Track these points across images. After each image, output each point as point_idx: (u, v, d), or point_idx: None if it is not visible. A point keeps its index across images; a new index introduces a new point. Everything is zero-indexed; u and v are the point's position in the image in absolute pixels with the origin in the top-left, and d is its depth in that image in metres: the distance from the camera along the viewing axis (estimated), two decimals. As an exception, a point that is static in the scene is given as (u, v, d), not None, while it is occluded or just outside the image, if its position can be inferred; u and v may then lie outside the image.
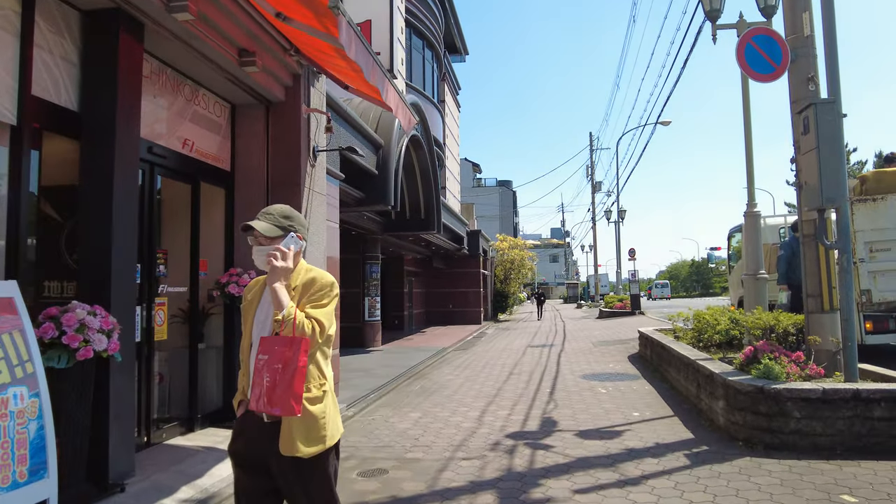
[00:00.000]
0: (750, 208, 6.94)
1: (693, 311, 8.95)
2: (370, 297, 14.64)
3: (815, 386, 4.60)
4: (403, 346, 15.12)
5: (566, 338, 15.75)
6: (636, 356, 11.07)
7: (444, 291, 25.16)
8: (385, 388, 8.82)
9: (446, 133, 24.66)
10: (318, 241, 6.78)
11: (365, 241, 14.62)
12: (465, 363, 11.58)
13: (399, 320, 20.97)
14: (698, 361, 6.29)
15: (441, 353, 13.60)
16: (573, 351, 12.61)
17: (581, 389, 7.96)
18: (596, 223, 38.13)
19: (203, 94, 5.98)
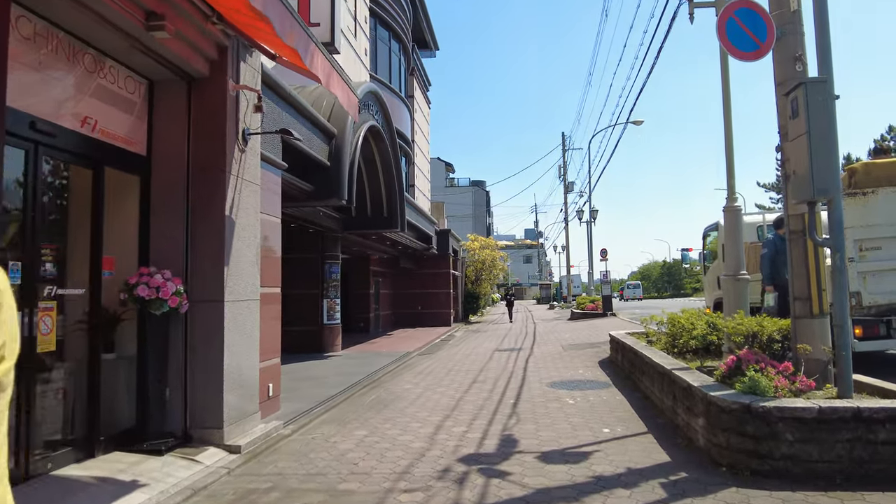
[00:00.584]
0: (730, 203, 6.34)
1: (667, 315, 8.35)
2: (329, 299, 13.82)
3: (810, 404, 3.97)
4: (365, 351, 14.32)
5: (536, 341, 15.13)
6: (607, 361, 10.47)
7: (412, 293, 24.40)
8: (335, 399, 8.04)
9: (415, 129, 23.92)
10: (250, 236, 5.97)
11: (324, 240, 13.79)
12: (427, 369, 10.84)
13: (365, 323, 20.15)
14: (674, 371, 5.65)
15: (404, 358, 12.85)
16: (542, 355, 11.97)
17: (547, 400, 7.29)
18: (568, 223, 37.79)
19: (111, 67, 5.14)
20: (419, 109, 25.10)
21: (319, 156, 8.88)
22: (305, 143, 8.30)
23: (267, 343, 6.79)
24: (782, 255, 7.06)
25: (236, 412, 5.62)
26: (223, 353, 5.40)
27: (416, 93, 24.70)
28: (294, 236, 13.79)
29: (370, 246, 17.08)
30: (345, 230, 13.66)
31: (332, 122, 9.50)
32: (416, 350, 14.48)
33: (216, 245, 5.45)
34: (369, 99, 11.15)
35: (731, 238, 6.25)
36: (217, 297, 5.41)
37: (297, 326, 13.85)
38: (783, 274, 7.04)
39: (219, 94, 5.58)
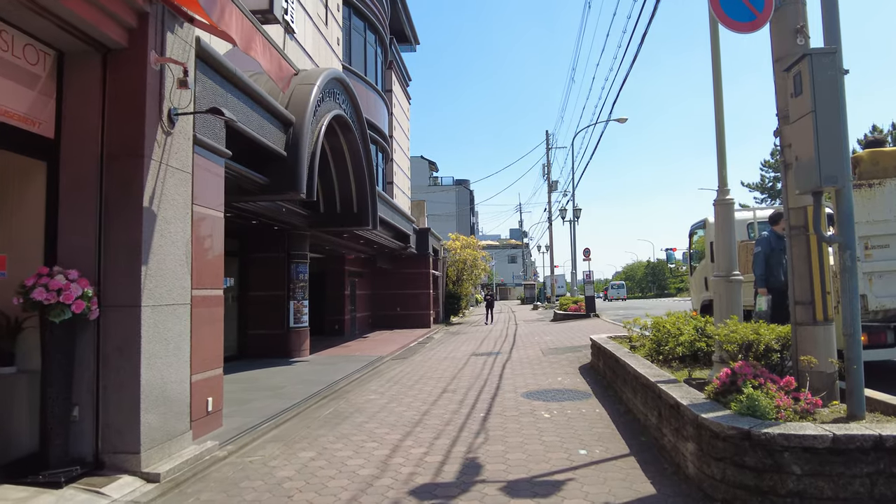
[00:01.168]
0: (721, 196, 5.69)
1: (652, 319, 7.72)
2: (296, 301, 13.05)
3: (821, 431, 3.32)
4: (336, 355, 13.57)
5: (515, 344, 14.47)
6: (588, 368, 9.83)
7: (391, 293, 23.64)
8: (288, 412, 7.30)
9: (394, 125, 23.18)
10: (177, 232, 5.22)
11: (290, 238, 13.01)
12: (397, 376, 10.13)
13: (339, 325, 19.37)
14: (659, 385, 5.00)
15: (375, 363, 12.13)
16: (520, 360, 11.30)
17: (521, 414, 6.61)
18: (552, 223, 37.29)
19: (4, 33, 4.38)
20: (398, 104, 24.36)
21: (274, 145, 8.13)
22: (256, 129, 7.55)
23: (206, 352, 6.04)
24: (777, 255, 6.46)
25: (159, 433, 4.88)
26: (140, 365, 4.65)
27: (395, 87, 23.95)
28: (257, 234, 13.01)
29: (344, 245, 16.32)
30: (312, 228, 12.89)
31: (291, 109, 8.75)
32: (389, 354, 13.76)
33: (132, 241, 4.70)
34: (334, 86, 10.41)
35: (723, 234, 5.61)
36: (133, 302, 4.66)
37: (261, 330, 13.08)
38: (778, 275, 6.44)
39: (138, 68, 4.82)
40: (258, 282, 13.19)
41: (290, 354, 12.84)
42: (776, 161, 50.81)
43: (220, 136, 6.43)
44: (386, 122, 21.25)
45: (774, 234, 6.42)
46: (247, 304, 13.21)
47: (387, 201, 16.10)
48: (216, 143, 6.29)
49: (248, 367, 11.52)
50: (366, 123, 12.27)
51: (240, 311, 13.18)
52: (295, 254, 13.05)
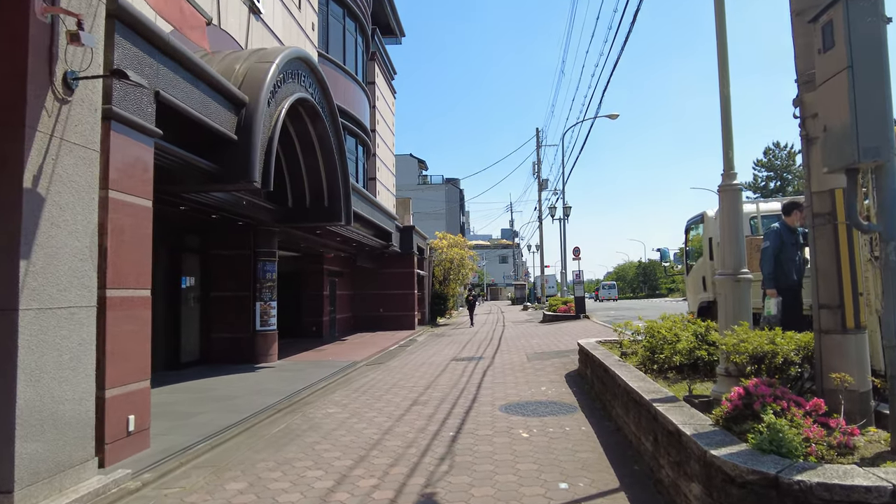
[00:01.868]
0: (727, 181, 4.86)
1: (645, 323, 6.91)
2: (263, 302, 12.14)
3: (877, 481, 2.48)
4: (307, 361, 12.68)
5: (500, 348, 13.63)
6: (575, 375, 9.01)
7: (374, 294, 22.76)
8: (234, 429, 6.42)
9: (377, 119, 22.30)
10: (77, 220, 4.33)
11: (256, 234, 12.11)
12: (366, 385, 9.27)
13: (318, 327, 18.47)
14: (656, 405, 4.17)
15: (348, 369, 11.26)
16: (503, 367, 10.46)
17: (496, 433, 5.77)
18: (542, 222, 36.53)
19: None
20: (382, 97, 23.47)
21: (222, 127, 7.24)
22: (199, 108, 6.65)
23: (127, 362, 5.16)
24: (789, 250, 5.65)
25: (47, 464, 3.99)
26: (17, 382, 3.76)
27: (379, 80, 23.06)
28: (220, 230, 12.11)
29: (319, 242, 15.43)
30: (280, 223, 11.99)
31: (245, 89, 7.86)
32: (365, 359, 12.89)
33: (6, 230, 3.81)
34: (298, 67, 9.51)
35: (730, 226, 4.78)
36: (6, 304, 3.77)
37: (225, 333, 12.17)
38: (789, 273, 5.63)
39: (18, 16, 3.93)
40: (222, 281, 12.28)
41: (256, 360, 11.94)
42: (768, 160, 50.37)
43: (147, 113, 5.54)
44: (367, 115, 20.36)
45: (786, 227, 5.62)
46: (210, 306, 12.29)
47: (365, 196, 15.23)
48: (143, 119, 5.40)
49: (207, 374, 10.62)
50: (338, 112, 11.40)
51: (202, 313, 12.27)
52: (262, 251, 12.15)
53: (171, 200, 8.76)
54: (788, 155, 49.25)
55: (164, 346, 11.38)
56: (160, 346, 11.16)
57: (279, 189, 11.75)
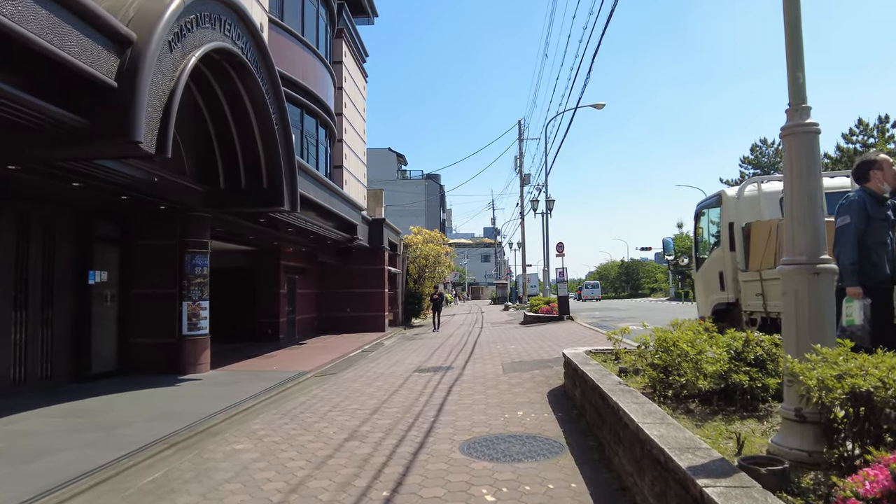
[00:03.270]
0: (797, 116, 3.10)
1: (653, 331, 5.20)
2: (192, 302, 10.25)
3: None
4: (246, 371, 10.82)
5: (473, 355, 11.87)
6: (560, 394, 7.29)
7: (340, 292, 20.89)
8: (86, 479, 4.60)
9: (344, 101, 20.41)
10: None
11: (184, 221, 10.20)
12: (302, 406, 7.48)
13: (274, 329, 16.58)
14: (700, 482, 2.44)
15: (289, 382, 9.44)
16: (473, 381, 8.71)
17: (448, 494, 4.00)
18: (524, 217, 34.89)
19: None
20: (350, 79, 21.57)
21: (93, 68, 5.37)
22: (49, 35, 4.78)
23: None
24: (878, 230, 3.92)
25: None
26: None
27: (347, 60, 21.17)
28: (142, 216, 10.21)
29: (269, 233, 13.55)
30: (212, 208, 10.11)
31: (134, 25, 6.00)
32: (316, 368, 11.07)
33: None
34: (220, 12, 7.65)
35: (804, 188, 3.05)
36: None
37: (147, 338, 10.27)
38: (880, 264, 3.89)
39: None
40: (145, 276, 10.37)
41: (182, 370, 10.05)
42: (755, 157, 49.31)
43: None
44: (331, 96, 18.48)
45: (870, 196, 3.88)
46: (129, 305, 10.38)
47: (321, 181, 13.36)
48: None
49: (117, 388, 8.73)
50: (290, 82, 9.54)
51: (120, 314, 10.34)
52: (191, 241, 10.24)
53: (51, 172, 6.87)
54: (776, 152, 48.07)
55: (70, 353, 9.48)
56: (63, 353, 9.28)
57: (209, 166, 9.87)
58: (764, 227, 5.84)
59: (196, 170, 9.77)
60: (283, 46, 13.92)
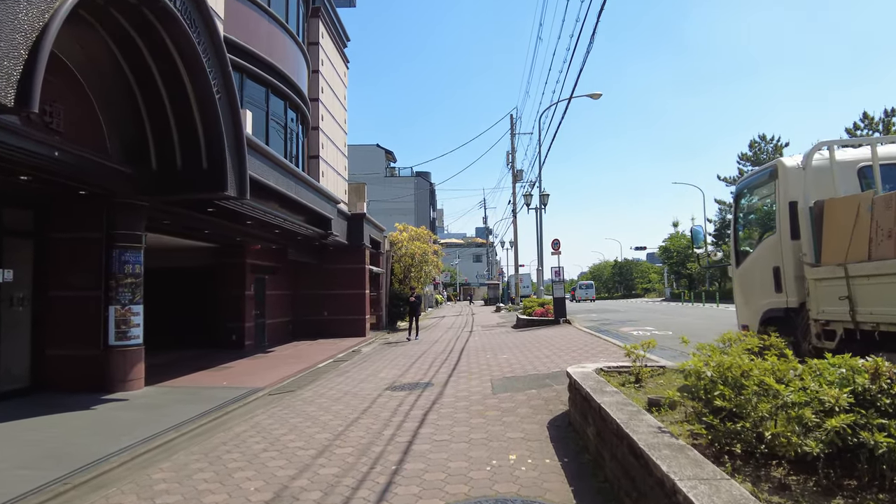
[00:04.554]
0: None
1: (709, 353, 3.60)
2: (120, 306, 8.57)
3: None
4: (188, 388, 9.15)
5: (458, 367, 10.23)
6: (563, 425, 5.68)
7: (317, 294, 19.22)
8: None
9: (320, 86, 18.74)
10: None
11: (112, 210, 8.52)
12: (232, 442, 5.84)
13: (238, 335, 14.87)
14: None
15: (232, 405, 7.82)
16: (455, 404, 7.08)
17: None
18: (517, 215, 33.33)
19: None
20: (328, 63, 19.89)
21: None
22: None
23: None
24: None
25: None
26: None
27: (325, 42, 19.51)
28: (62, 205, 8.52)
29: (225, 226, 11.85)
30: (145, 193, 8.43)
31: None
32: (273, 384, 9.42)
33: None
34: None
35: None
36: None
37: (66, 350, 8.57)
38: None
39: None
40: (63, 276, 8.68)
41: (108, 387, 8.38)
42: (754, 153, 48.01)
43: None
44: (304, 78, 16.80)
45: None
46: (47, 311, 8.67)
47: (286, 168, 11.68)
48: None
49: (12, 414, 7.03)
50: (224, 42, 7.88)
51: (35, 321, 8.64)
52: (120, 234, 8.57)
53: None
54: (775, 148, 46.72)
55: (-34, 370, 7.75)
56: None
57: (138, 144, 8.21)
58: (847, 205, 4.27)
59: (123, 148, 8.10)
60: (241, 15, 12.26)
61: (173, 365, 11.68)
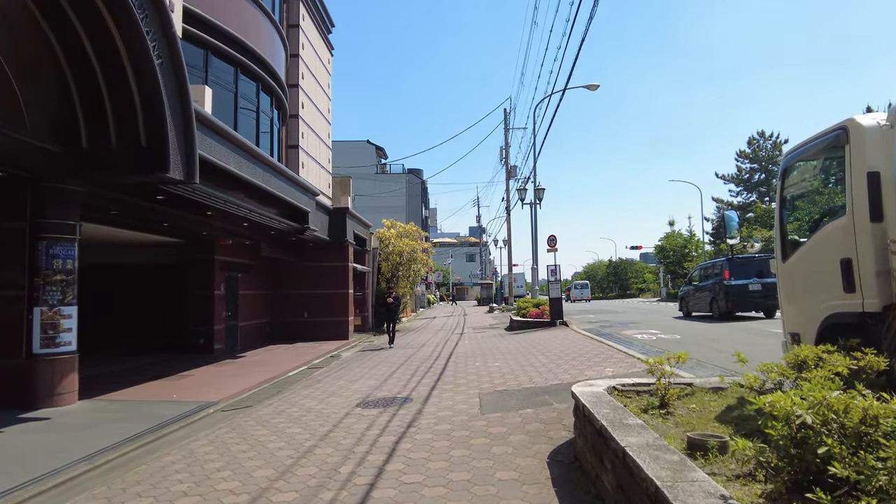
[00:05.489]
0: None
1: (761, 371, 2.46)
2: (47, 307, 7.33)
3: None
4: (132, 400, 7.93)
5: (443, 377, 9.03)
6: (568, 461, 4.50)
7: (296, 294, 17.98)
8: None
9: (300, 72, 17.51)
10: None
11: (36, 196, 7.27)
12: (150, 480, 4.64)
13: (207, 338, 13.62)
14: None
15: (176, 423, 6.61)
16: (435, 428, 5.89)
17: None
18: (510, 212, 32.16)
19: None
20: (309, 48, 18.65)
21: None
22: None
23: None
24: None
25: None
26: None
27: (306, 25, 18.27)
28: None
29: (186, 219, 10.61)
30: (79, 175, 7.19)
31: None
32: (230, 398, 8.22)
33: None
34: None
35: None
36: None
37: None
38: None
39: None
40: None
41: (32, 402, 7.14)
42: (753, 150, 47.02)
43: None
44: (281, 60, 15.57)
45: None
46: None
47: (253, 154, 10.42)
48: None
49: None
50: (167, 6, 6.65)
51: (-54, 327, 7.38)
52: (47, 223, 7.33)
53: None
54: (774, 145, 45.69)
55: None
56: None
57: (66, 118, 6.97)
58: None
59: (47, 123, 6.86)
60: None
61: (125, 374, 10.43)
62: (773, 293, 13.28)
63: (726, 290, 17.27)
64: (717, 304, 17.86)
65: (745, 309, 17.41)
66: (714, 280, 18.45)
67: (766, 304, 16.68)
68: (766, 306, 16.88)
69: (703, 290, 19.28)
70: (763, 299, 16.71)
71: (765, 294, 16.47)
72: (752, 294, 16.95)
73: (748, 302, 17.14)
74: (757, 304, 17.14)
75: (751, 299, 17.04)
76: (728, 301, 17.21)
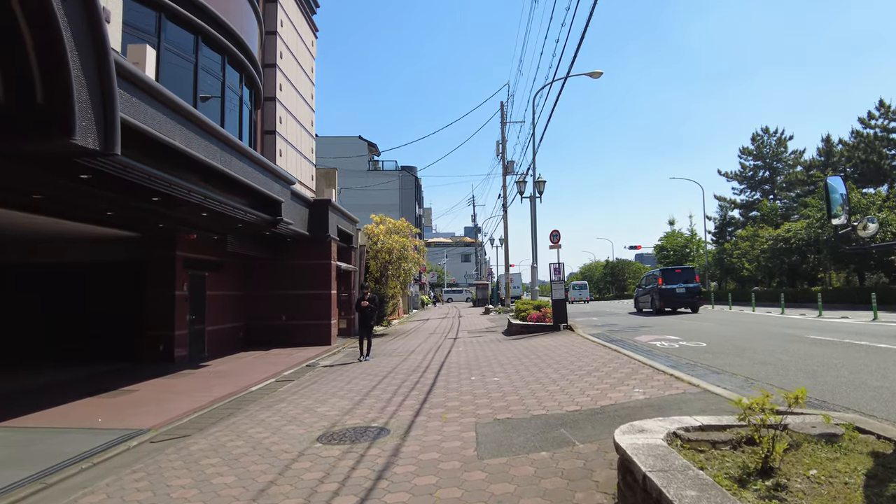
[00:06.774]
0: None
1: None
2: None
3: None
4: (38, 427, 6.32)
5: (429, 400, 7.43)
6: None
7: (273, 295, 16.35)
8: None
9: (278, 51, 15.90)
10: None
11: None
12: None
13: (167, 345, 12.00)
14: None
15: (71, 467, 5.05)
16: (411, 488, 4.31)
17: None
18: (507, 209, 30.64)
19: None
20: (289, 25, 17.03)
21: None
22: None
23: None
24: None
25: None
26: None
27: (285, 1, 16.66)
28: None
29: (125, 205, 8.98)
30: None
31: None
32: (168, 422, 6.63)
33: None
34: None
35: None
36: None
37: None
38: None
39: None
40: None
41: None
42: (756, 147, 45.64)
43: None
44: (254, 34, 13.96)
45: None
46: None
47: (208, 129, 8.76)
48: None
49: None
50: None
51: None
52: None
53: None
54: (778, 141, 44.28)
55: None
56: None
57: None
58: None
59: None
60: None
61: (55, 389, 8.82)
62: (694, 294, 23.90)
63: (660, 292, 23.85)
64: (654, 303, 24.32)
65: (673, 307, 23.90)
66: (653, 285, 24.97)
67: (691, 303, 23.83)
68: (691, 304, 23.88)
69: (647, 293, 26.05)
70: (688, 299, 23.72)
71: (688, 295, 23.68)
72: (678, 295, 23.69)
73: (675, 301, 23.76)
74: (683, 303, 23.85)
75: (678, 299, 23.74)
76: (661, 301, 23.72)
